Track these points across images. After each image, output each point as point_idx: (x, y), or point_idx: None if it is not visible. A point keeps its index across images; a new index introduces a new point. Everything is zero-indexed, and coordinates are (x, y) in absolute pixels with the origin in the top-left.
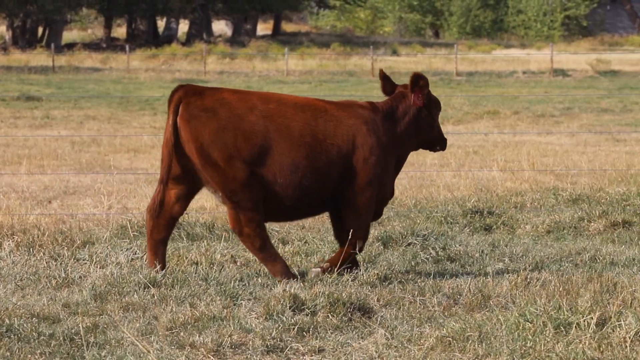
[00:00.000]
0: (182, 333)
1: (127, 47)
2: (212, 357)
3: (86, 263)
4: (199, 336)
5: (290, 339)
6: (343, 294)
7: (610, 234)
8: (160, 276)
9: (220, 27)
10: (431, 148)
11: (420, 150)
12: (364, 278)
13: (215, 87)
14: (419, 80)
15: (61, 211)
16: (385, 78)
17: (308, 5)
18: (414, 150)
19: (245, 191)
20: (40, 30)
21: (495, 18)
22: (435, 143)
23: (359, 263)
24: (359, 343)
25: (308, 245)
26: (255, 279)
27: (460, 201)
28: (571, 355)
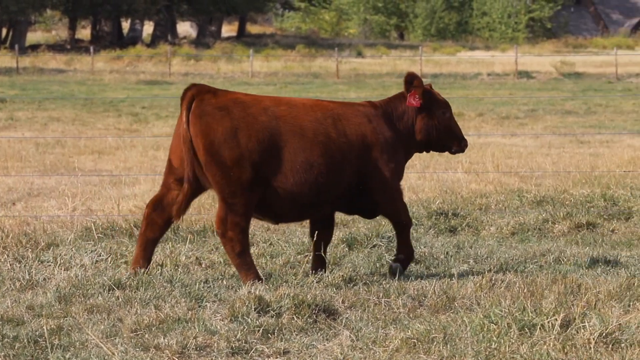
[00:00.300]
0: (147, 335)
1: (92, 49)
2: (177, 359)
3: (50, 265)
4: (164, 338)
5: (255, 341)
6: (308, 296)
7: (574, 236)
8: (125, 278)
9: (185, 29)
10: (442, 150)
11: None
12: (329, 280)
13: (226, 90)
14: (413, 80)
15: (25, 213)
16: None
17: (273, 7)
18: (419, 152)
19: (244, 195)
20: (4, 31)
21: (459, 20)
22: (445, 144)
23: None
24: (324, 345)
25: (273, 247)
26: (220, 281)
27: (425, 203)
28: (535, 356)
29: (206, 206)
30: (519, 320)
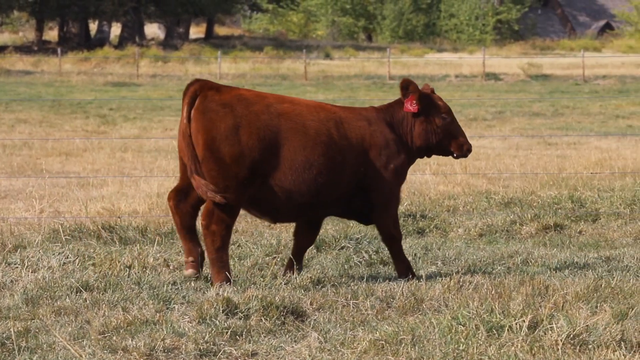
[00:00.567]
0: (115, 337)
1: (59, 50)
2: None
3: (18, 267)
4: (132, 340)
5: (223, 343)
6: (276, 298)
7: (542, 237)
8: (92, 280)
9: (152, 31)
10: (444, 154)
11: None
12: (297, 282)
13: (230, 86)
14: (408, 85)
15: None
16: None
17: (241, 8)
18: (421, 157)
19: (237, 191)
20: None
21: (427, 22)
22: (446, 149)
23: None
24: (292, 347)
25: (241, 249)
26: (188, 283)
27: None
28: (503, 358)
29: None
30: (487, 321)
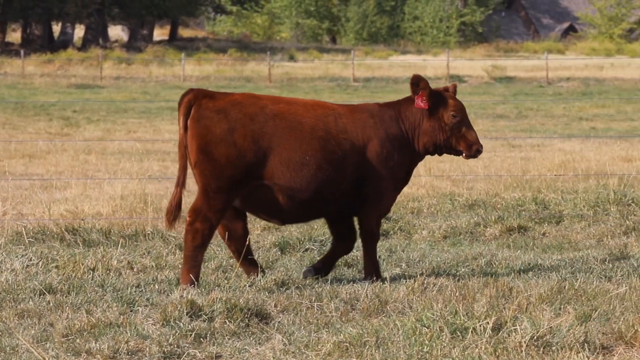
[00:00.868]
0: (78, 340)
1: (22, 52)
2: None
3: None
4: (95, 343)
5: (187, 345)
6: (240, 300)
7: (505, 239)
8: (56, 282)
9: (116, 33)
10: (452, 153)
11: None
12: (262, 284)
13: (225, 92)
14: (419, 82)
15: None
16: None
17: (205, 10)
18: (428, 154)
19: (228, 192)
20: None
21: (391, 24)
22: (454, 148)
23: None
24: (257, 349)
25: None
26: (152, 285)
27: None
28: (467, 359)
29: (138, 210)
30: (451, 323)
